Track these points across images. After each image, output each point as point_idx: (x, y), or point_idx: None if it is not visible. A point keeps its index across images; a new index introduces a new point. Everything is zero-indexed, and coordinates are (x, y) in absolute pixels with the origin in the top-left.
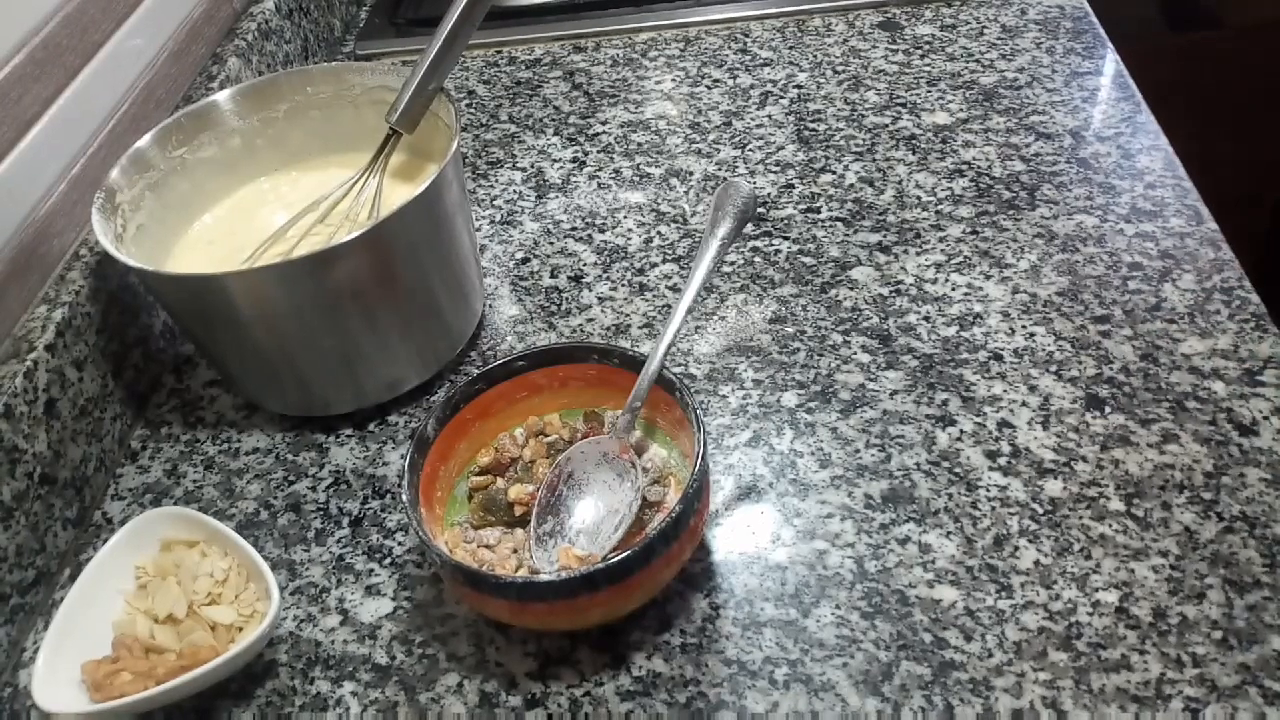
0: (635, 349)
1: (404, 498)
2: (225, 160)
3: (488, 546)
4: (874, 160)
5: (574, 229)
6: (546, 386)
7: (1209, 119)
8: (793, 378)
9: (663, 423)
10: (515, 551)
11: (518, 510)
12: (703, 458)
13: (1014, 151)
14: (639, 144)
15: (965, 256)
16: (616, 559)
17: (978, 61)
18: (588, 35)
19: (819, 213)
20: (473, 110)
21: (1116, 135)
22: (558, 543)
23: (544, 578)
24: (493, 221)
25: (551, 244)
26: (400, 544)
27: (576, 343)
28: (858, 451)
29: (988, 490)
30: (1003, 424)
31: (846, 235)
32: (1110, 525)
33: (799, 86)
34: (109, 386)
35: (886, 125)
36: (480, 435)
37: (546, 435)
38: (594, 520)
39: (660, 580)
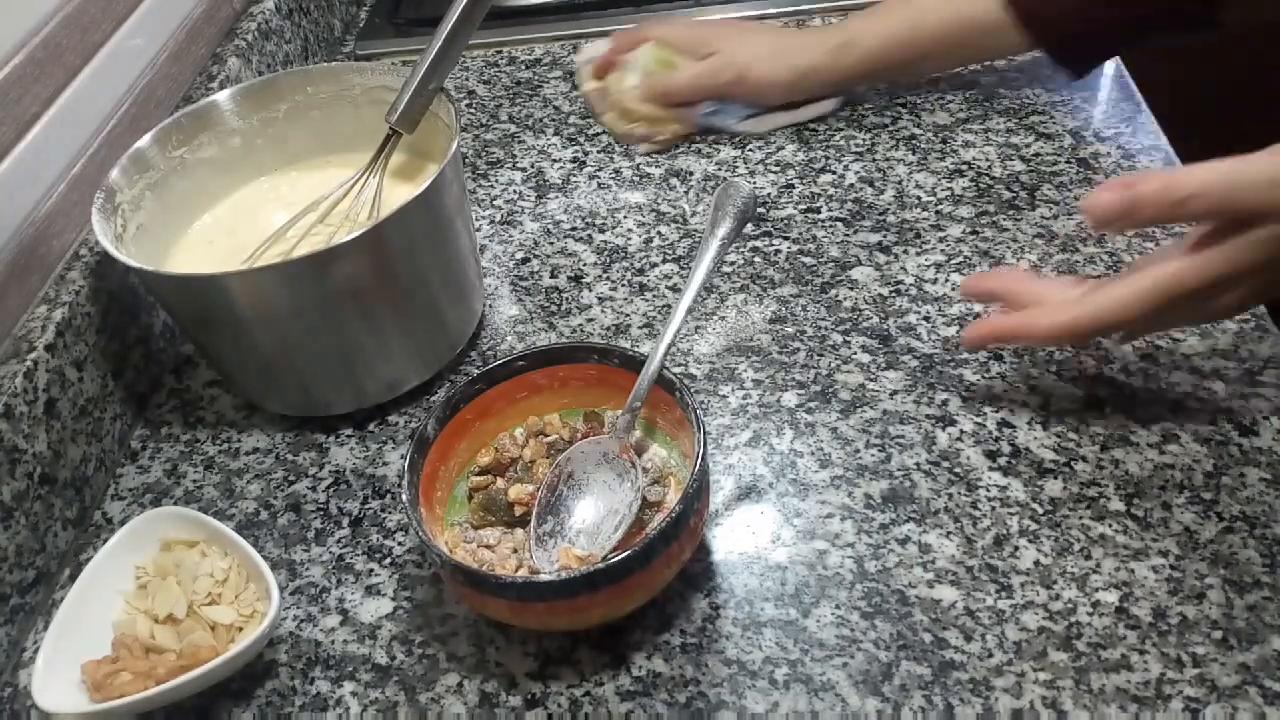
0: (635, 349)
1: (404, 498)
2: (225, 160)
3: (488, 546)
4: (874, 160)
5: (574, 229)
6: (547, 386)
7: (1209, 119)
8: (793, 378)
9: (663, 423)
10: (515, 551)
11: (518, 510)
12: (703, 458)
13: (1014, 151)
14: None
15: (965, 256)
16: (616, 559)
17: None
18: (588, 35)
19: (819, 213)
20: (473, 110)
21: (1116, 135)
22: (558, 543)
23: (544, 578)
24: (493, 221)
25: (551, 244)
26: (400, 544)
27: (576, 343)
28: (858, 451)
29: (988, 490)
30: (1003, 424)
31: (846, 235)
32: (1110, 525)
33: None
34: (109, 386)
35: (886, 125)
36: (480, 435)
37: (547, 435)
38: (594, 520)
39: (660, 580)
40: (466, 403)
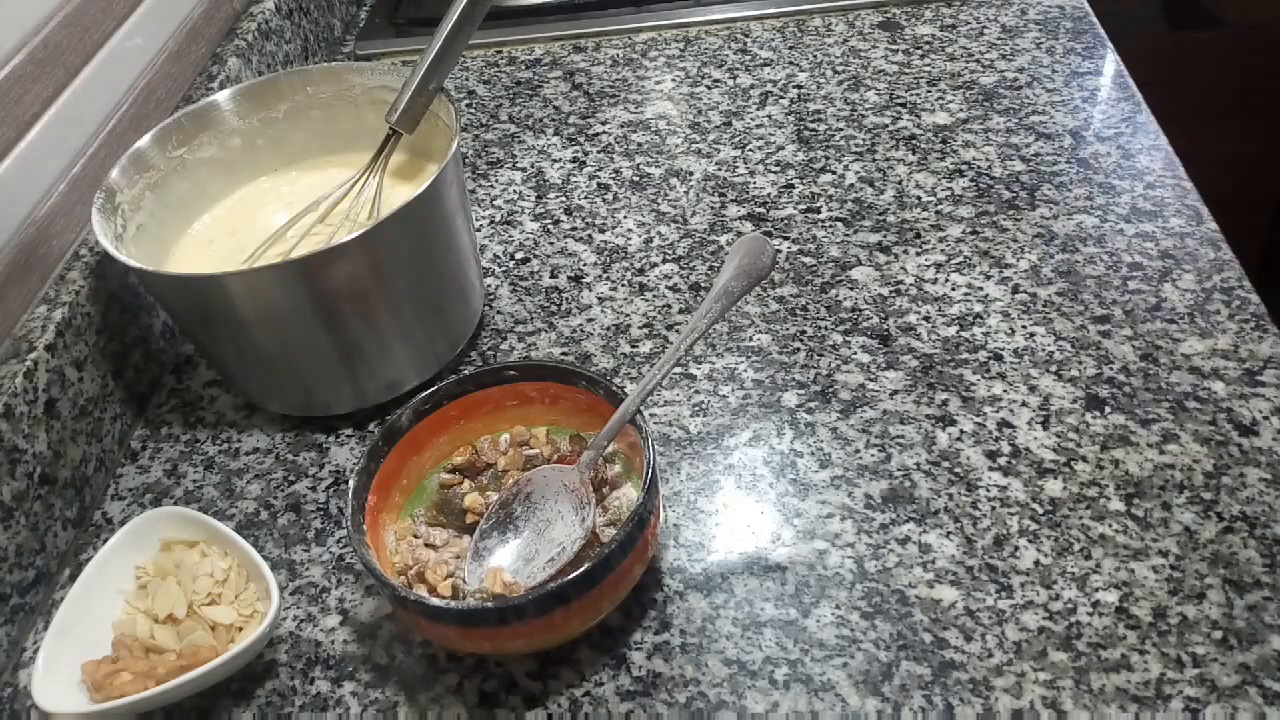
0: (621, 386)
1: (350, 483)
2: (225, 160)
3: (431, 546)
4: (874, 160)
5: (574, 229)
6: (538, 400)
7: (1209, 119)
8: (793, 378)
9: (638, 464)
10: (457, 558)
11: (469, 518)
12: (638, 516)
13: (1014, 151)
14: (639, 144)
15: (965, 256)
16: (498, 604)
17: (978, 61)
18: (588, 35)
19: (819, 213)
20: (473, 110)
21: (1116, 135)
22: (493, 561)
23: (433, 601)
24: (493, 221)
25: (551, 244)
26: None
27: (570, 366)
28: (858, 451)
29: (988, 490)
30: (1003, 424)
31: (846, 235)
32: (1110, 525)
33: (799, 86)
34: (109, 386)
35: (886, 125)
36: (464, 433)
37: (530, 448)
38: (534, 549)
39: (566, 630)
40: (449, 400)
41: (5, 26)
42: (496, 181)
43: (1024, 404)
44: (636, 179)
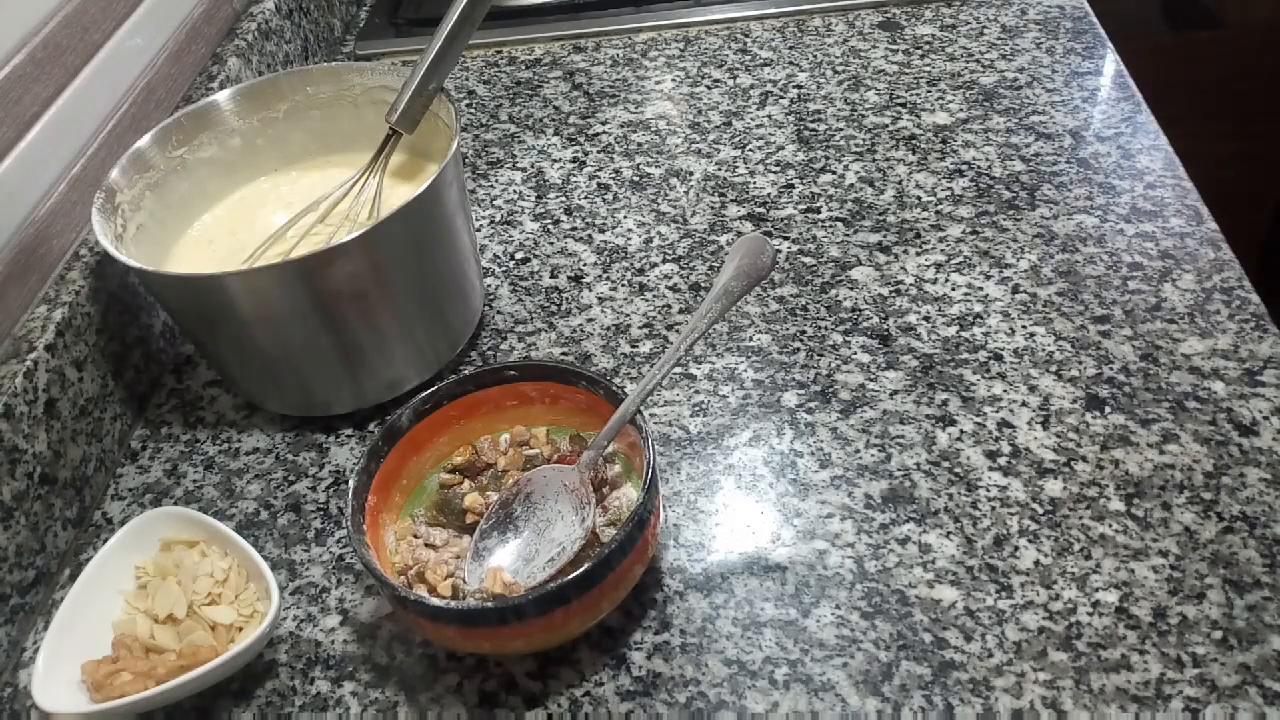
0: (621, 386)
1: (350, 483)
2: (225, 160)
3: (431, 546)
4: (874, 160)
5: (574, 229)
6: (538, 400)
7: (1209, 118)
8: (793, 378)
9: (638, 464)
10: (457, 558)
11: (469, 518)
12: (638, 516)
13: (1014, 151)
14: (639, 144)
15: (965, 256)
16: (498, 604)
17: (978, 61)
18: (588, 35)
19: (819, 213)
20: (473, 110)
21: (1116, 135)
22: (493, 561)
23: (433, 601)
24: (493, 221)
25: (551, 244)
26: None
27: (569, 366)
28: (858, 451)
29: (988, 490)
30: (1003, 424)
31: (846, 235)
32: (1110, 525)
33: (799, 86)
34: (109, 386)
35: (886, 125)
36: (464, 433)
37: (530, 448)
38: (534, 549)
39: (566, 630)
40: (449, 400)
41: (5, 26)
42: (496, 181)
43: (1024, 404)
44: (636, 179)
